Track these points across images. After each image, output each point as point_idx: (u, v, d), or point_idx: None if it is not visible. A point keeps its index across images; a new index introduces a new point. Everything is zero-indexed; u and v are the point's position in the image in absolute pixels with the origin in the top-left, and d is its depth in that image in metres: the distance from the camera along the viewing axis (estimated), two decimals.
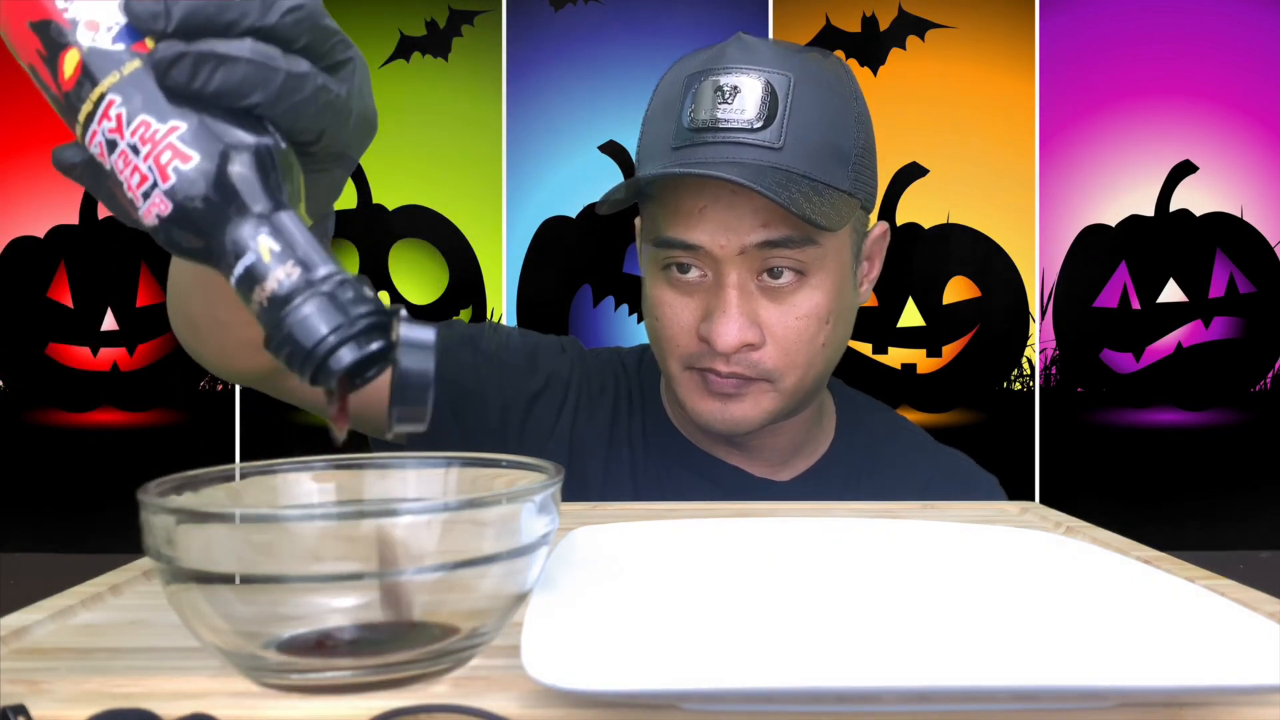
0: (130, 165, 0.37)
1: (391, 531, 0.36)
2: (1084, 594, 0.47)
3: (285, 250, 0.36)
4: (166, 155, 0.36)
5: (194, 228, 0.37)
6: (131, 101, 0.37)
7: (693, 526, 0.57)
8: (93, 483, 2.30)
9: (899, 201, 2.28)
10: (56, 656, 0.43)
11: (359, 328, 0.36)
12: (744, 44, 0.77)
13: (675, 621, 0.45)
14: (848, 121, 0.78)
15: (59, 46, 0.38)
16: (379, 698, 0.37)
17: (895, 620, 0.46)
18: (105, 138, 0.37)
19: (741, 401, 0.78)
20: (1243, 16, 2.27)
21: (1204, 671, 0.37)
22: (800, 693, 0.34)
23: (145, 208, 0.37)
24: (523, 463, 0.46)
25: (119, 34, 0.37)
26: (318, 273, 0.36)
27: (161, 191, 0.36)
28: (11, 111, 2.32)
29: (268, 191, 0.37)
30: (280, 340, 0.36)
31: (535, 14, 2.29)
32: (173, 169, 0.36)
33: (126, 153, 0.37)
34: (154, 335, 2.32)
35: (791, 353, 0.77)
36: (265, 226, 0.36)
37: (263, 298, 0.36)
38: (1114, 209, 2.29)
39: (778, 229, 0.75)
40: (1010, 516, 0.74)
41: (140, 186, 0.37)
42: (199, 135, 0.37)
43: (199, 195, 0.36)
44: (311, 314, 0.35)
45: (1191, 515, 2.24)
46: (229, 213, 0.36)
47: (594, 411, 0.89)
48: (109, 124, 0.37)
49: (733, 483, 0.86)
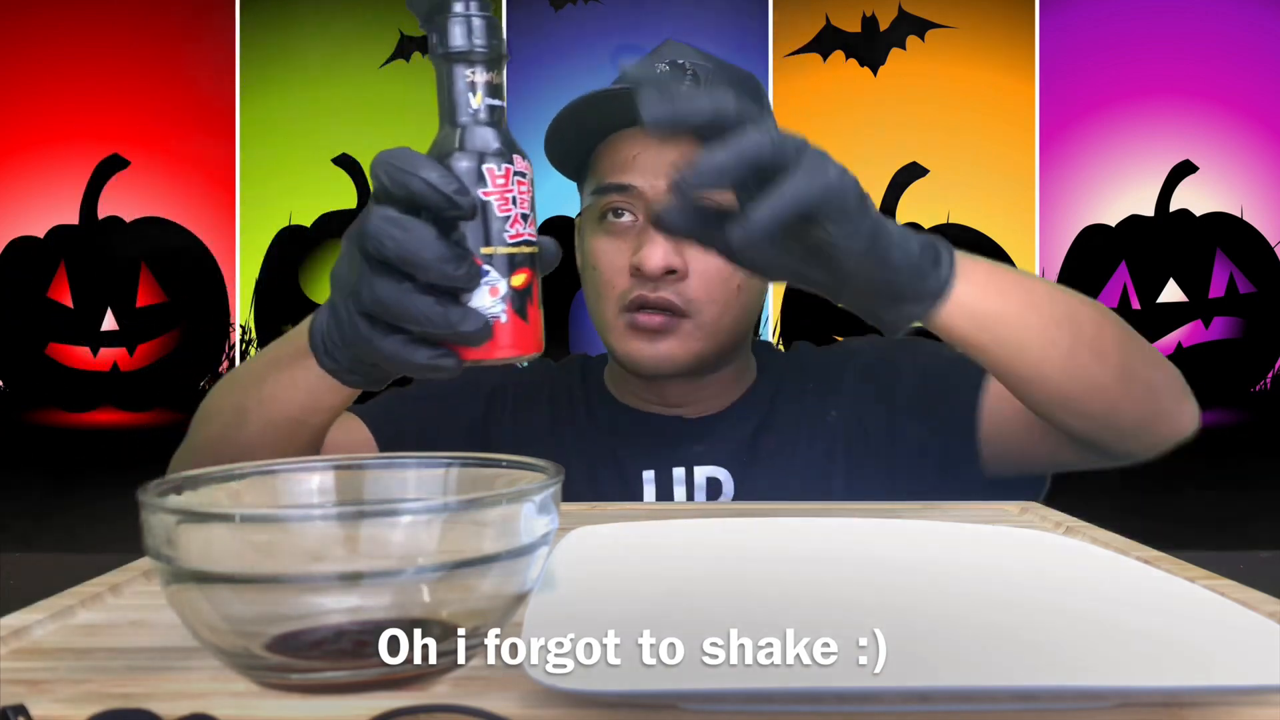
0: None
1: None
2: (1084, 594, 0.47)
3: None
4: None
5: None
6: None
7: (692, 526, 0.57)
8: (93, 483, 2.30)
9: (899, 201, 2.28)
10: (56, 656, 0.43)
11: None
12: (671, 45, 0.91)
13: (675, 621, 0.45)
14: (759, 112, 0.91)
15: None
16: (379, 698, 0.37)
17: (895, 621, 0.46)
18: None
19: (668, 339, 0.85)
20: (1243, 16, 2.27)
21: (1204, 672, 0.37)
22: (800, 693, 0.34)
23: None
24: (523, 463, 0.46)
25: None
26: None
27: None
28: (11, 111, 2.32)
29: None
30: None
31: (535, 14, 2.29)
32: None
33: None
34: (154, 335, 2.32)
35: (711, 286, 0.84)
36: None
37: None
38: (1114, 209, 2.29)
39: None
40: (1010, 516, 0.74)
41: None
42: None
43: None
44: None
45: (1191, 515, 2.24)
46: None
47: (533, 406, 0.96)
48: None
49: (673, 430, 0.92)
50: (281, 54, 2.33)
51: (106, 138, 2.32)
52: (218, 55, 2.33)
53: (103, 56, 2.33)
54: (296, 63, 2.32)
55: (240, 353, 2.32)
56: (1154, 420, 0.74)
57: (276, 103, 2.32)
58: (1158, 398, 0.73)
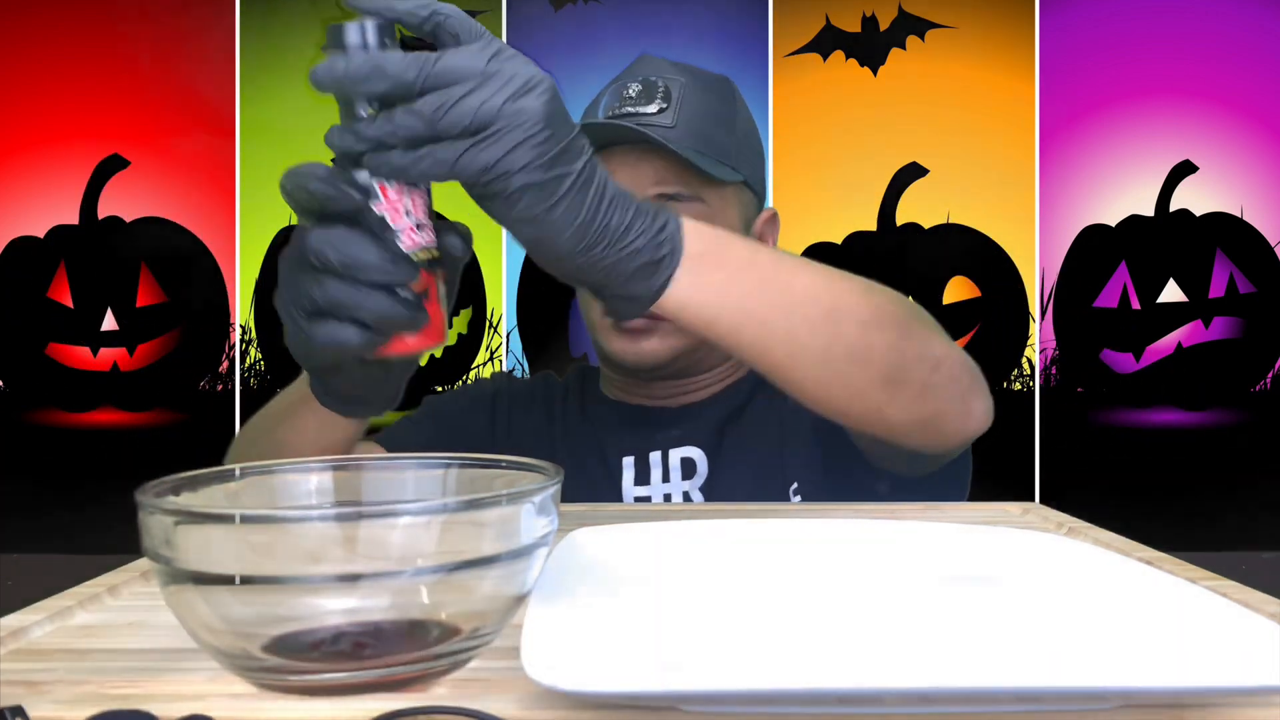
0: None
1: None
2: (1085, 595, 0.47)
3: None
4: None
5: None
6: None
7: (692, 527, 0.57)
8: (92, 483, 2.30)
9: (899, 201, 2.28)
10: (54, 658, 0.43)
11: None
12: (645, 61, 0.96)
13: (675, 622, 0.45)
14: (732, 121, 0.95)
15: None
16: (379, 699, 0.37)
17: (896, 621, 0.45)
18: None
19: (650, 337, 0.92)
20: (1243, 16, 2.27)
21: (1205, 672, 0.37)
22: (801, 694, 0.34)
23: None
24: (522, 463, 0.46)
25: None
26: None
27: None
28: (11, 111, 2.32)
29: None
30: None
31: (535, 14, 2.29)
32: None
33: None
34: (154, 335, 2.32)
35: None
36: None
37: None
38: (1114, 209, 2.29)
39: (671, 185, 0.91)
40: (1012, 517, 0.74)
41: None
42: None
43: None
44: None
45: (1192, 515, 2.24)
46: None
47: (529, 411, 1.02)
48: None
49: (654, 418, 0.97)
50: (281, 54, 2.33)
51: (106, 138, 2.32)
52: (218, 55, 2.33)
53: (103, 56, 2.33)
54: (296, 63, 2.32)
55: (240, 353, 2.32)
56: (933, 420, 0.71)
57: (276, 103, 2.32)
58: (934, 398, 0.70)
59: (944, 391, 0.70)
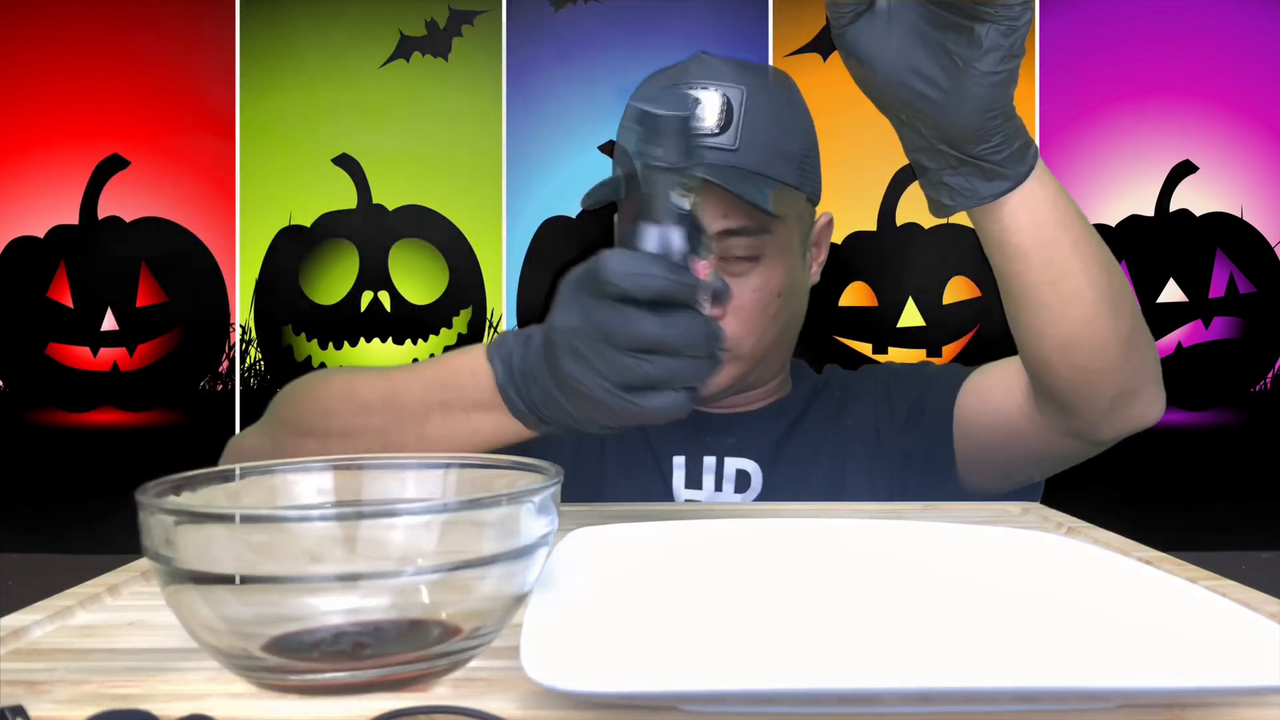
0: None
1: None
2: (1085, 595, 0.47)
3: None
4: None
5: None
6: None
7: (692, 527, 0.57)
8: (92, 483, 2.30)
9: (899, 201, 2.28)
10: (55, 657, 0.43)
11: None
12: (704, 63, 0.90)
13: (675, 622, 0.45)
14: (794, 127, 0.91)
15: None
16: (379, 698, 0.37)
17: (896, 621, 0.45)
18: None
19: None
20: (1243, 16, 2.27)
21: (1205, 672, 0.37)
22: (800, 694, 0.34)
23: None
24: (522, 463, 0.46)
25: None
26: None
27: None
28: (11, 111, 2.32)
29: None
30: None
31: (535, 14, 2.29)
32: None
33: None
34: (154, 335, 2.32)
35: (748, 321, 0.89)
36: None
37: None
38: (1114, 209, 2.29)
39: (736, 219, 0.86)
40: (1012, 517, 0.74)
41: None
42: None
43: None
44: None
45: (1192, 515, 2.24)
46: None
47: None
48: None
49: (703, 422, 0.96)
50: (281, 54, 2.33)
51: (106, 138, 2.32)
52: (218, 55, 2.32)
53: (103, 56, 2.33)
54: (296, 63, 2.32)
55: (240, 353, 2.32)
56: (1134, 396, 0.76)
57: (276, 103, 2.32)
58: (1144, 374, 0.76)
59: (1151, 371, 0.76)
